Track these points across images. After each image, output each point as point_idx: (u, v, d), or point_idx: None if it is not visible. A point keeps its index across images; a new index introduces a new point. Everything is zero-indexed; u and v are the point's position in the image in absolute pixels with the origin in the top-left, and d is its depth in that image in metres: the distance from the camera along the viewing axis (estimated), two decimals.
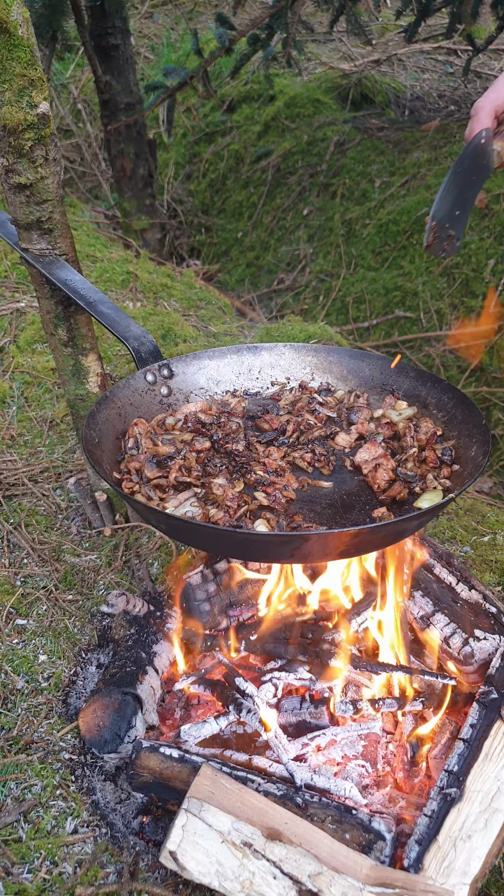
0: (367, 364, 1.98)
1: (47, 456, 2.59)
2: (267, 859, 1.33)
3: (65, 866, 1.43)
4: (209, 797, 1.39)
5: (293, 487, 1.65)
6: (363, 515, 1.58)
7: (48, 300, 1.92)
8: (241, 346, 2.03)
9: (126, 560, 2.19)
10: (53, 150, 1.74)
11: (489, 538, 2.27)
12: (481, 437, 1.61)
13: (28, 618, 2.00)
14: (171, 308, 3.65)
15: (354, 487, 1.68)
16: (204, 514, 1.51)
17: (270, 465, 1.69)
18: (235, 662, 1.84)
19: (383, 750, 1.71)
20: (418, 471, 1.64)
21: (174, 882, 1.42)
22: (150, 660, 1.79)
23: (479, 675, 1.75)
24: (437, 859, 1.40)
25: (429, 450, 1.65)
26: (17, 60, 1.60)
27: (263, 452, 1.74)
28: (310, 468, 1.73)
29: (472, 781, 1.50)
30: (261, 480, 1.63)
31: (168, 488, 1.60)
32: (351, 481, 1.70)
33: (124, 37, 4.69)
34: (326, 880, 1.31)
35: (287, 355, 2.04)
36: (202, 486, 1.61)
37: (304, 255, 5.29)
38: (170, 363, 1.90)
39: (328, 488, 1.68)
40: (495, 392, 4.01)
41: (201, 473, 1.64)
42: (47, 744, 1.67)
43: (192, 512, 1.53)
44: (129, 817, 1.56)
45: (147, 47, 7.38)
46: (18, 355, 3.05)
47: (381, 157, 5.25)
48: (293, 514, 1.57)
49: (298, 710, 1.72)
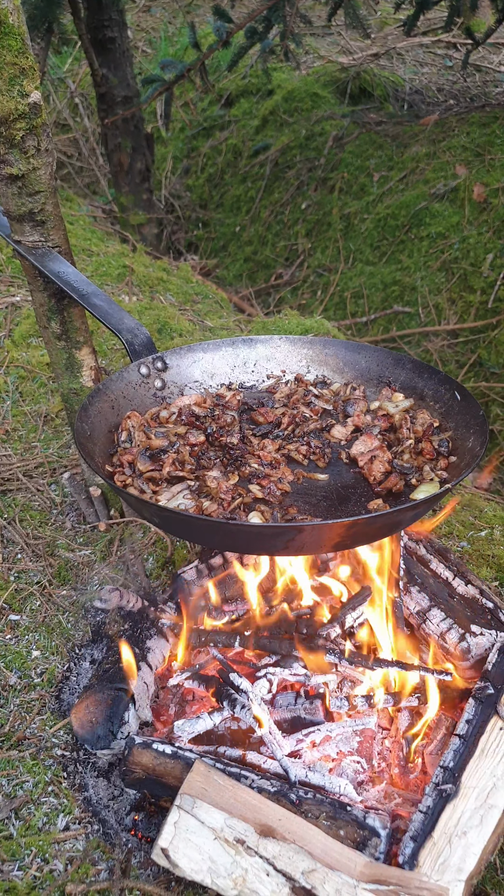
0: (364, 356, 1.96)
1: (42, 451, 2.57)
2: (260, 856, 1.32)
3: (56, 863, 1.41)
4: (202, 794, 1.37)
5: (288, 480, 1.63)
6: (359, 507, 1.56)
7: (41, 293, 1.90)
8: (236, 338, 2.01)
9: (121, 555, 2.18)
10: (46, 141, 1.72)
11: (486, 533, 2.25)
12: (479, 428, 1.59)
13: (21, 613, 1.98)
14: (168, 302, 3.63)
15: (350, 480, 1.66)
16: (197, 507, 1.49)
17: (265, 457, 1.67)
18: (230, 658, 1.82)
19: (379, 746, 1.69)
20: (415, 462, 1.62)
21: (166, 879, 1.40)
22: (144, 655, 1.78)
23: (476, 671, 1.73)
24: (432, 856, 1.39)
25: (425, 441, 1.63)
26: (8, 49, 1.58)
27: (258, 445, 1.72)
28: (305, 461, 1.71)
29: (468, 777, 1.48)
30: (255, 473, 1.61)
31: (161, 481, 1.59)
32: (347, 474, 1.68)
33: (121, 29, 4.66)
34: (320, 877, 1.30)
35: (283, 348, 2.02)
36: (196, 479, 1.59)
37: (302, 249, 5.27)
38: (164, 356, 1.88)
39: (324, 481, 1.66)
40: (494, 387, 3.99)
41: (195, 467, 1.62)
42: (39, 740, 1.65)
43: (185, 504, 1.51)
44: (121, 814, 1.54)
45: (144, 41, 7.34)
46: (13, 350, 3.03)
47: (379, 151, 5.23)
48: (288, 506, 1.55)
49: (293, 706, 1.71)
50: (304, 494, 1.61)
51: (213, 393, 1.91)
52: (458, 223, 4.50)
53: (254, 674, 1.73)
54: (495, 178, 4.48)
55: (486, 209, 4.44)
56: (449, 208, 4.59)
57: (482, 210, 4.45)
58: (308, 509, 1.56)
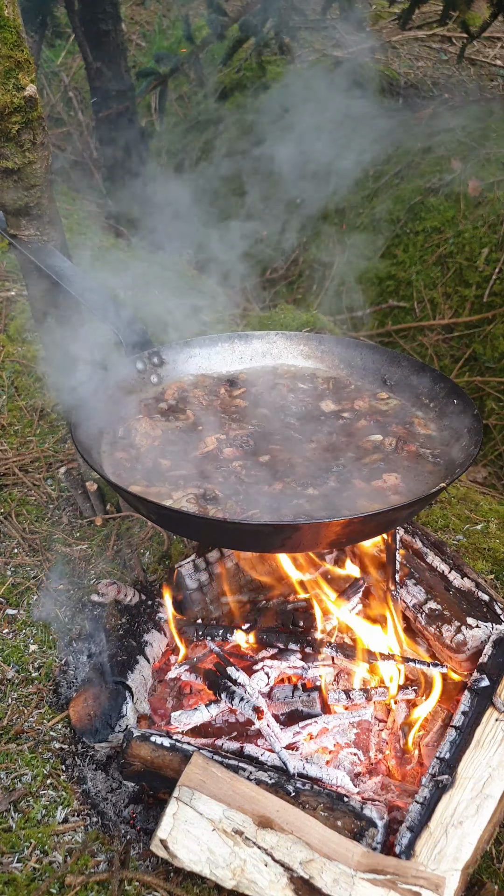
0: (360, 353, 1.97)
1: (38, 446, 2.57)
2: (258, 847, 1.33)
3: (55, 855, 1.42)
4: (200, 785, 1.38)
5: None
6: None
7: (37, 287, 1.90)
8: (232, 333, 2.01)
9: (117, 550, 2.18)
10: (42, 135, 1.72)
11: (482, 526, 2.26)
12: (473, 427, 1.60)
13: (19, 607, 1.98)
14: (163, 296, 3.63)
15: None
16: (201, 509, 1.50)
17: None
18: (227, 651, 1.83)
19: (375, 738, 1.71)
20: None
21: (165, 870, 1.41)
22: (142, 649, 1.78)
23: (472, 663, 1.75)
24: (428, 846, 1.40)
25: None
26: (3, 41, 1.57)
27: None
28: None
29: (464, 768, 1.49)
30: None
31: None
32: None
33: (115, 22, 4.64)
34: (318, 867, 1.31)
35: (278, 343, 2.02)
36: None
37: (297, 243, 5.26)
38: (160, 351, 1.88)
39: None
40: (488, 381, 4.00)
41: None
42: (38, 733, 1.66)
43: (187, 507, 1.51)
44: (120, 806, 1.55)
45: (138, 34, 7.30)
46: (8, 344, 3.03)
47: (374, 145, 5.22)
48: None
49: (290, 699, 1.72)
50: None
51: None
52: (454, 218, 4.50)
53: (251, 667, 1.74)
54: (490, 173, 4.48)
55: (481, 203, 4.44)
56: (444, 203, 4.59)
57: (477, 204, 4.45)
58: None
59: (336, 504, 1.49)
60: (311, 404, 1.85)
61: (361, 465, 1.62)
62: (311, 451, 1.67)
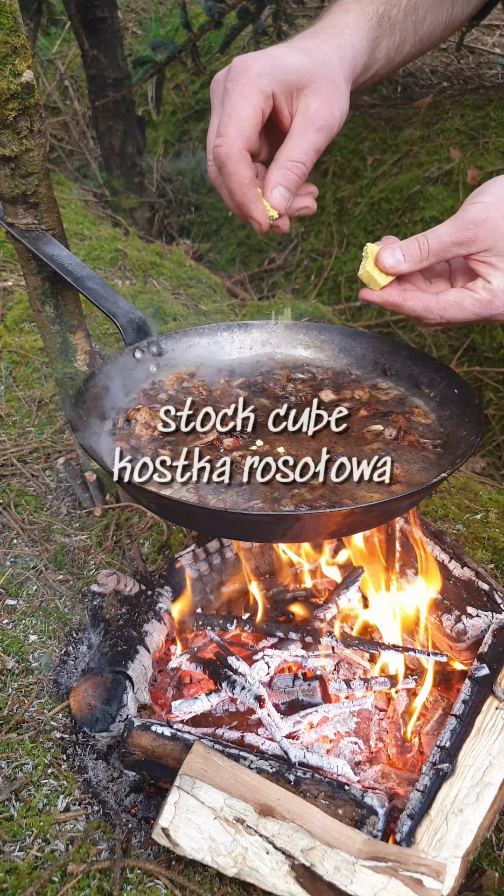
0: (360, 342, 1.95)
1: (36, 436, 2.56)
2: (260, 835, 1.33)
3: (57, 844, 1.43)
4: (201, 774, 1.38)
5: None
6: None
7: (35, 276, 1.89)
8: (231, 323, 2.00)
9: (117, 540, 2.18)
10: (39, 122, 1.70)
11: (482, 515, 2.26)
12: (474, 417, 1.60)
13: (18, 598, 1.98)
14: (161, 286, 3.61)
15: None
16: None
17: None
18: (227, 640, 1.83)
19: (376, 727, 1.71)
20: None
21: (167, 858, 1.42)
22: (142, 639, 1.78)
23: (472, 652, 1.75)
24: (429, 833, 1.41)
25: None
26: (0, 27, 1.56)
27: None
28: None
29: (465, 756, 1.50)
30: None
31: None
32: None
33: (111, 9, 4.59)
34: (319, 854, 1.32)
35: (278, 333, 2.01)
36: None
37: (295, 234, 5.24)
38: (159, 340, 1.87)
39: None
40: (487, 371, 4.00)
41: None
42: (38, 723, 1.66)
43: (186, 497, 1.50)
44: (121, 795, 1.55)
45: (135, 22, 7.24)
46: (6, 335, 3.01)
47: (372, 134, 5.19)
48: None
49: (291, 688, 1.72)
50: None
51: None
52: (453, 207, 4.48)
53: (251, 656, 1.75)
54: (489, 162, 4.46)
55: None
56: (443, 192, 4.57)
57: None
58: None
59: (337, 494, 1.49)
60: (311, 394, 1.84)
61: (362, 454, 1.62)
62: (312, 440, 1.66)
